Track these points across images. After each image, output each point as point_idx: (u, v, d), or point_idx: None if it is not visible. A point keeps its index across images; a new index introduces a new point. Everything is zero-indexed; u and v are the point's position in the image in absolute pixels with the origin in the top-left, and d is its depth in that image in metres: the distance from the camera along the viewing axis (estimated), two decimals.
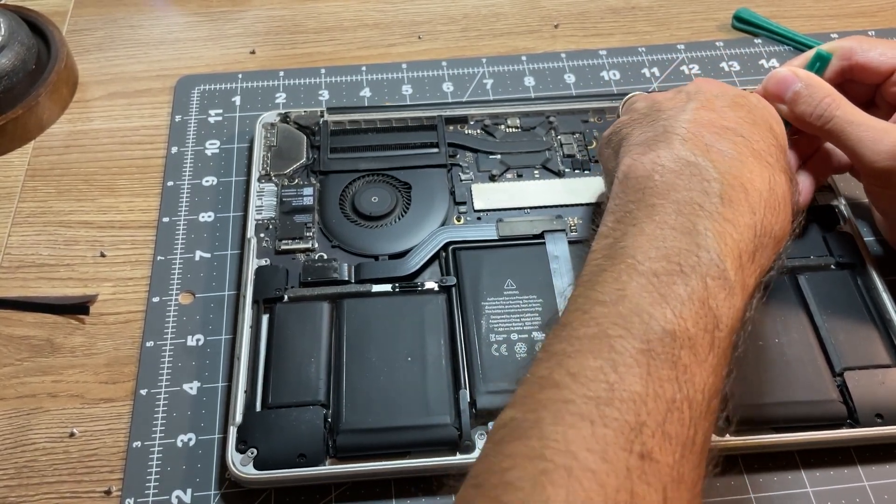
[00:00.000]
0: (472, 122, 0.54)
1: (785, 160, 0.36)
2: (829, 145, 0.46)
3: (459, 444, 0.39)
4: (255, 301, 0.44)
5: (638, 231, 0.32)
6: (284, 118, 0.53)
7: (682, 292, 0.30)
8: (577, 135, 0.53)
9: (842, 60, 0.44)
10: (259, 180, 0.50)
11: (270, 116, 0.53)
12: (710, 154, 0.34)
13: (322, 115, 0.53)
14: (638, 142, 0.37)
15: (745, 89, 0.41)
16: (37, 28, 0.59)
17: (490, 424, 0.40)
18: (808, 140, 0.44)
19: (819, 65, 0.44)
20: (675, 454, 0.27)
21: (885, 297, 0.44)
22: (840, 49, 0.44)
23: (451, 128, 0.53)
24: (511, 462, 0.26)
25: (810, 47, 0.56)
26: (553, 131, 0.53)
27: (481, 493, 0.27)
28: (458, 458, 0.39)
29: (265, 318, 0.44)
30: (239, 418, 0.40)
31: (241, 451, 0.39)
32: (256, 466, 0.38)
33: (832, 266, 0.46)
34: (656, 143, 0.36)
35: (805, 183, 0.44)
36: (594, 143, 0.53)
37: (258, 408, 0.41)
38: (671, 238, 0.31)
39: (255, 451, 0.39)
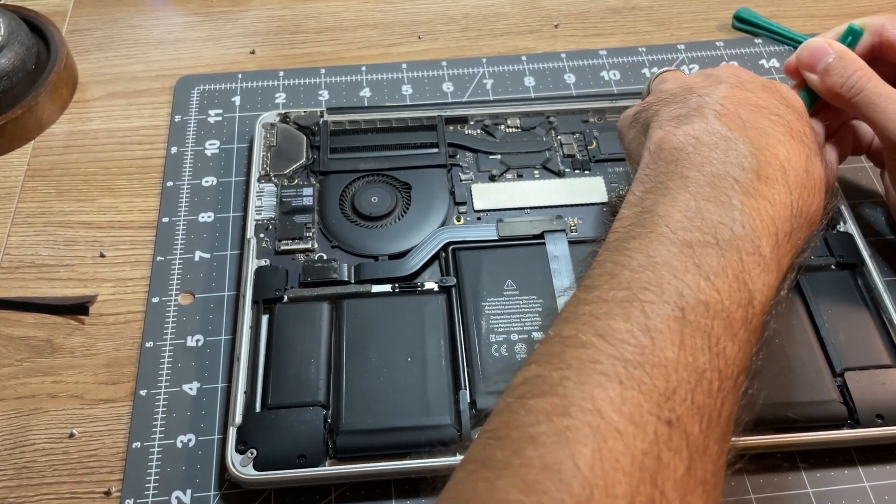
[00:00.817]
0: (472, 123, 0.54)
1: (819, 144, 0.36)
2: (853, 123, 0.46)
3: (460, 444, 0.39)
4: (254, 301, 0.44)
5: (670, 201, 0.32)
6: (284, 118, 0.53)
7: (717, 264, 0.29)
8: (578, 135, 0.53)
9: (873, 36, 0.44)
10: (259, 180, 0.50)
11: (270, 116, 0.53)
12: (746, 130, 0.34)
13: (322, 116, 0.53)
14: (670, 116, 0.36)
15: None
16: (37, 28, 0.59)
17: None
18: (834, 114, 0.44)
19: (851, 38, 0.43)
20: (702, 424, 0.27)
21: (886, 298, 0.44)
22: (872, 24, 0.44)
23: (451, 128, 0.53)
24: (534, 417, 0.26)
25: None
26: (553, 131, 0.53)
27: (502, 445, 0.26)
28: (459, 459, 0.39)
29: (265, 319, 0.44)
30: (239, 419, 0.40)
31: (240, 451, 0.39)
32: (256, 467, 0.38)
33: (832, 266, 0.46)
34: (690, 117, 0.35)
35: (830, 158, 0.44)
36: (594, 143, 0.53)
37: (258, 408, 0.41)
38: (706, 210, 0.31)
39: (254, 451, 0.39)
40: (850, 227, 0.48)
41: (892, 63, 0.45)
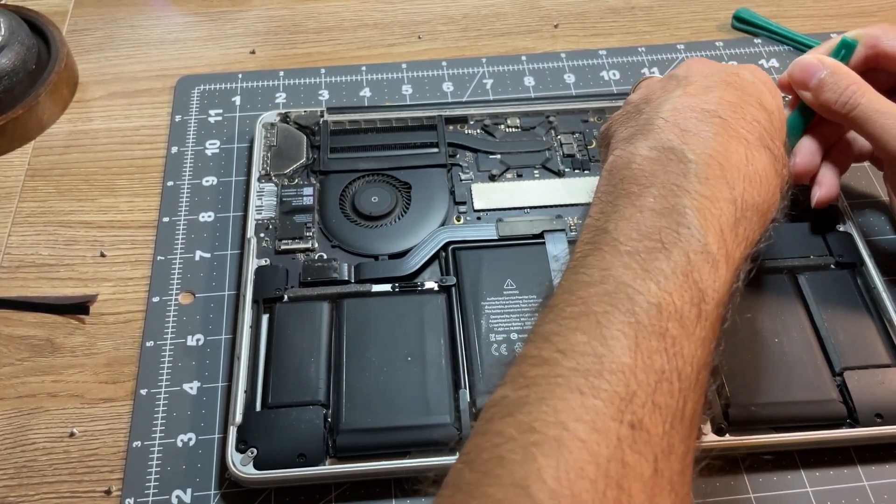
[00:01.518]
0: (471, 122, 0.54)
1: (771, 134, 0.36)
2: (851, 133, 0.46)
3: (459, 444, 0.39)
4: (255, 301, 0.44)
5: (619, 216, 0.33)
6: (284, 118, 0.53)
7: (665, 267, 0.30)
8: (577, 135, 0.53)
9: (867, 48, 0.44)
10: (259, 180, 0.50)
11: (270, 116, 0.53)
12: (686, 138, 0.35)
13: (322, 115, 0.53)
14: (623, 137, 0.37)
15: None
16: (37, 28, 0.59)
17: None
18: (831, 128, 0.44)
19: (844, 52, 0.43)
20: (665, 424, 0.27)
21: (885, 297, 0.44)
22: (865, 36, 0.44)
23: (451, 128, 0.53)
24: (502, 437, 0.27)
25: (810, 47, 0.56)
26: (553, 131, 0.53)
27: (472, 468, 0.27)
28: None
29: (265, 318, 0.44)
30: (239, 418, 0.40)
31: (241, 450, 0.39)
32: (256, 466, 0.38)
33: (832, 266, 0.46)
34: (637, 135, 0.36)
35: (828, 175, 0.44)
36: (594, 143, 0.53)
37: (258, 408, 0.41)
38: (652, 218, 0.32)
39: (255, 450, 0.39)
40: (849, 226, 0.48)
41: (889, 72, 0.44)
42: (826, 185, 0.44)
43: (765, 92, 0.38)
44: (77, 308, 0.47)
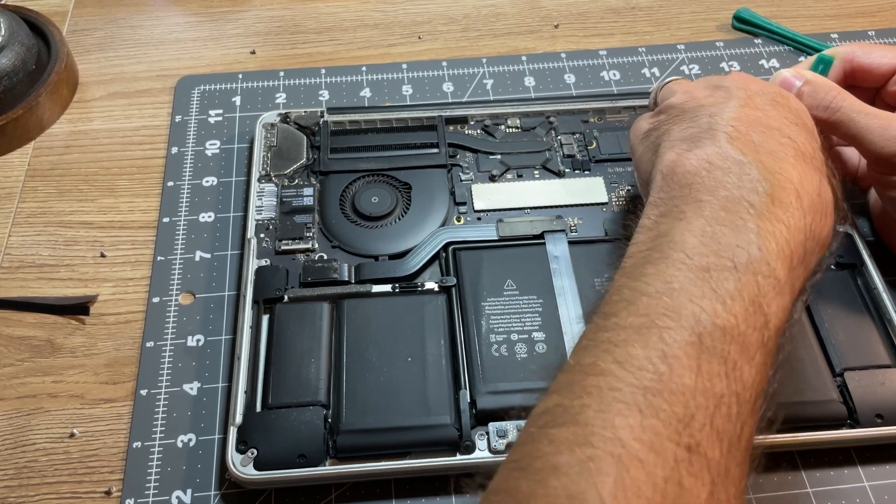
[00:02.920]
0: (472, 123, 0.54)
1: (828, 165, 0.36)
2: (838, 149, 0.46)
3: (459, 444, 0.39)
4: (255, 301, 0.44)
5: (686, 225, 0.32)
6: (285, 118, 0.53)
7: (733, 288, 0.29)
8: (578, 135, 0.53)
9: (844, 63, 0.44)
10: (259, 180, 0.50)
11: (270, 117, 0.53)
12: (759, 154, 0.34)
13: (322, 116, 0.53)
14: (681, 137, 0.36)
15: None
16: (37, 28, 0.59)
17: (490, 425, 0.40)
18: None
19: (822, 67, 0.45)
20: (722, 448, 0.27)
21: (885, 297, 0.44)
22: (842, 52, 0.45)
23: (452, 128, 0.53)
24: (556, 447, 0.26)
25: (810, 47, 0.56)
26: (553, 131, 0.53)
27: (526, 475, 0.26)
28: (459, 459, 0.39)
29: (265, 319, 0.44)
30: (239, 419, 0.40)
31: (241, 451, 0.39)
32: (256, 467, 0.38)
33: (832, 266, 0.46)
34: (701, 139, 0.35)
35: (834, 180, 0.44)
36: (594, 144, 0.53)
37: (258, 408, 0.41)
38: (721, 234, 0.31)
39: (255, 451, 0.39)
40: (849, 227, 0.48)
41: (866, 89, 0.45)
42: None
43: (811, 122, 0.38)
44: (77, 308, 0.47)
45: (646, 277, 0.31)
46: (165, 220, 0.50)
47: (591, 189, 0.50)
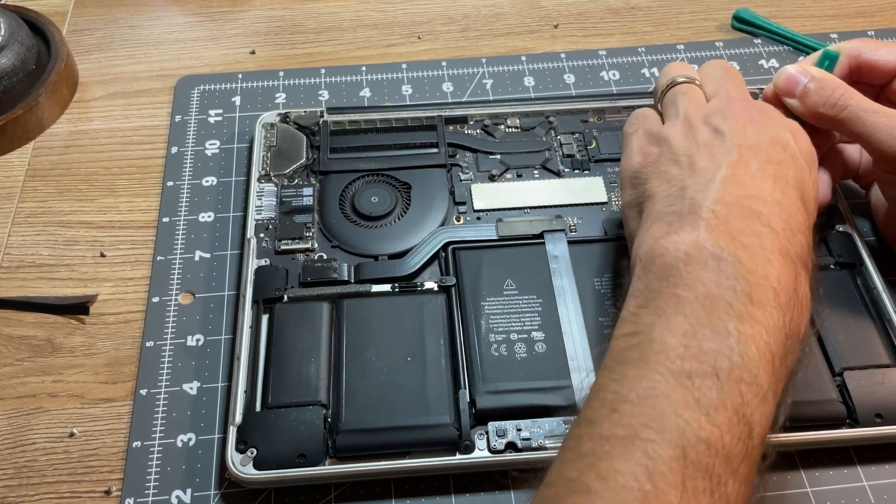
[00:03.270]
0: (471, 123, 0.54)
1: (809, 248, 0.35)
2: (840, 147, 0.46)
3: (459, 444, 0.39)
4: (254, 301, 0.44)
5: (665, 323, 0.31)
6: (284, 118, 0.53)
7: (716, 398, 0.29)
8: (577, 135, 0.53)
9: (850, 59, 0.44)
10: (259, 180, 0.50)
11: (270, 116, 0.53)
12: (736, 248, 0.33)
13: (322, 116, 0.53)
14: (662, 212, 0.35)
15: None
16: (37, 28, 0.59)
17: (490, 424, 0.40)
18: (820, 139, 0.44)
19: (828, 63, 0.44)
20: None
21: (885, 297, 0.44)
22: (847, 48, 0.44)
23: (451, 128, 0.53)
24: None
25: (810, 47, 0.56)
26: (553, 131, 0.53)
27: None
28: (458, 458, 0.39)
29: (265, 318, 0.44)
30: (239, 418, 0.40)
31: (240, 451, 0.39)
32: (256, 466, 0.38)
33: (832, 266, 0.46)
34: (681, 222, 0.34)
35: (821, 183, 0.44)
36: (594, 143, 0.53)
37: (258, 408, 0.41)
38: (702, 337, 0.30)
39: (254, 451, 0.39)
40: (849, 227, 0.48)
41: (872, 85, 0.45)
42: (820, 194, 0.44)
43: (808, 164, 0.37)
44: (77, 308, 0.47)
45: (628, 381, 0.30)
46: (165, 219, 0.50)
47: (590, 189, 0.50)
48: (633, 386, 0.30)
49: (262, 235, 0.48)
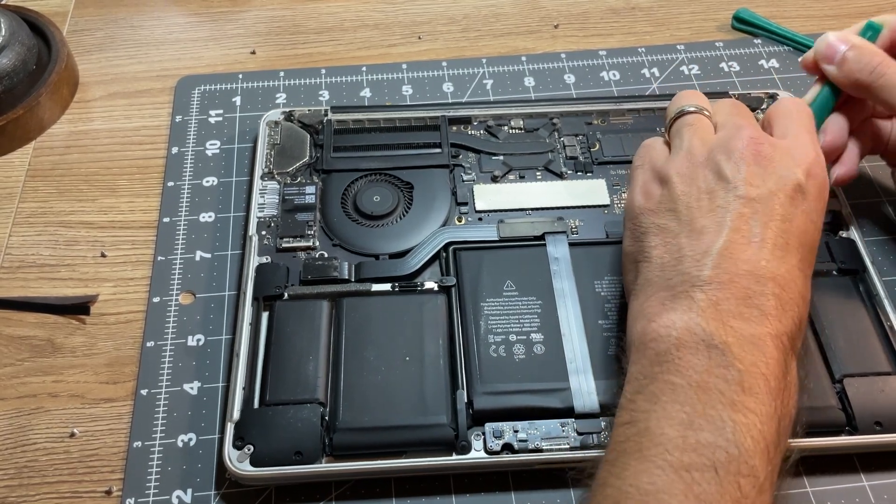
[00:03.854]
0: (475, 123, 0.54)
1: (801, 327, 0.35)
2: (873, 121, 0.46)
3: (455, 444, 0.39)
4: (255, 298, 0.44)
5: (662, 412, 0.31)
6: (288, 116, 0.53)
7: (716, 491, 0.29)
8: (580, 137, 0.53)
9: (892, 32, 0.43)
10: (262, 178, 0.50)
11: (274, 114, 0.53)
12: (727, 334, 0.32)
13: (326, 114, 0.53)
14: (656, 285, 0.35)
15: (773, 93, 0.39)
16: (37, 28, 0.59)
17: (487, 425, 0.40)
18: (856, 108, 0.44)
19: (870, 34, 0.44)
20: None
21: (887, 304, 0.44)
22: (892, 21, 0.44)
23: (455, 128, 0.53)
24: None
25: (810, 47, 0.56)
26: (556, 133, 0.53)
27: None
28: (454, 459, 0.39)
29: (265, 316, 0.44)
30: (236, 415, 0.40)
31: (237, 447, 0.39)
32: (253, 463, 0.38)
33: (834, 272, 0.46)
34: (674, 302, 0.34)
35: (850, 154, 0.44)
36: (597, 146, 0.53)
37: (256, 405, 0.41)
38: (698, 427, 0.30)
39: (251, 447, 0.39)
40: (851, 232, 0.47)
41: None
42: (847, 164, 0.44)
43: (814, 224, 0.36)
44: (77, 308, 0.47)
45: (628, 476, 0.30)
46: (166, 220, 0.50)
47: (593, 191, 0.50)
48: (634, 482, 0.30)
49: (263, 233, 0.48)
